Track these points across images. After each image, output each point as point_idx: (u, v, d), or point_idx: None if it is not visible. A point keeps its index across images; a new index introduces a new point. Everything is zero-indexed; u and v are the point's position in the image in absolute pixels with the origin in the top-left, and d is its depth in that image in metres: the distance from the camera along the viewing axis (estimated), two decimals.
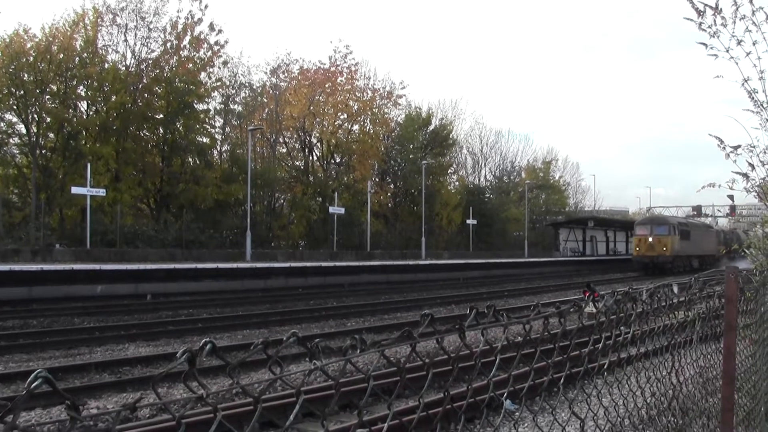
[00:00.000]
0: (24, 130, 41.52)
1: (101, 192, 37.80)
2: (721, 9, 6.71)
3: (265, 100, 55.16)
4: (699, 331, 4.86)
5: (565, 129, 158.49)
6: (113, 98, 43.10)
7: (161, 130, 47.01)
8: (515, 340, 2.83)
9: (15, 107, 40.73)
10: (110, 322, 21.20)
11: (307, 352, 1.71)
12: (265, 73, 58.52)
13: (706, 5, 6.74)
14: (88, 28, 43.55)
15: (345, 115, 58.67)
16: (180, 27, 46.43)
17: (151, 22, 45.23)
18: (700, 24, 6.79)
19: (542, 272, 54.81)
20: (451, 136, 68.34)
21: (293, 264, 38.80)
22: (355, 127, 59.94)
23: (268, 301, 28.68)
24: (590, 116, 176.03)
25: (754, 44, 6.71)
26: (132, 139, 44.58)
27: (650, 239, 57.05)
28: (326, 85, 57.36)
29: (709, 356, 5.20)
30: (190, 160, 48.42)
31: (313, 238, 53.66)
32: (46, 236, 37.01)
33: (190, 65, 46.90)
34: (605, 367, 3.63)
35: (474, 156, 77.47)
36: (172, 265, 32.76)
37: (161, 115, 46.21)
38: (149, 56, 45.72)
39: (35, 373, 1.24)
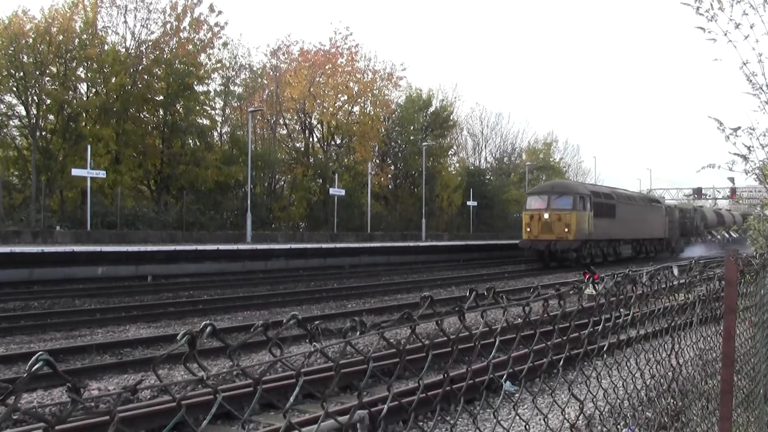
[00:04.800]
0: (24, 112, 41.44)
1: (101, 174, 37.76)
2: None
3: (266, 82, 55.01)
4: (699, 314, 4.87)
5: (565, 111, 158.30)
6: (113, 80, 42.98)
7: (161, 112, 46.89)
8: (515, 322, 2.84)
9: (14, 89, 40.61)
10: (111, 304, 21.27)
11: (307, 333, 1.72)
12: (265, 54, 58.43)
13: None
14: (88, 9, 43.37)
15: (345, 97, 58.47)
16: (180, 8, 46.24)
17: (150, 3, 45.05)
18: (698, 8, 6.76)
19: None
20: (451, 118, 68.10)
21: (294, 245, 38.85)
22: (356, 109, 59.80)
23: (269, 283, 28.74)
24: (591, 97, 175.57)
25: (751, 27, 6.69)
26: (132, 121, 44.49)
27: (546, 216, 40.84)
28: (326, 67, 57.16)
29: (708, 339, 5.22)
30: (191, 141, 48.33)
31: (313, 220, 53.70)
32: (46, 218, 37.03)
33: (190, 47, 46.72)
34: (605, 349, 3.64)
35: (474, 138, 77.29)
36: (172, 247, 32.80)
37: (161, 97, 46.08)
38: (149, 38, 45.56)
39: (36, 355, 1.24)
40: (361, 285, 28.55)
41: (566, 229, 39.96)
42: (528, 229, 41.87)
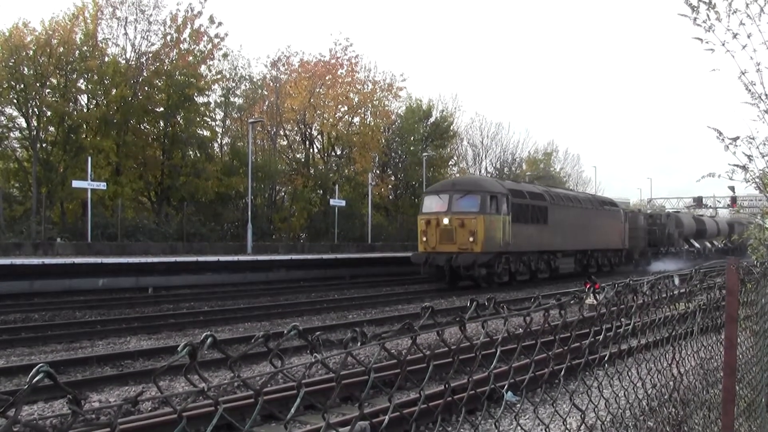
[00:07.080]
0: (24, 124, 41.47)
1: (102, 185, 37.71)
2: (714, 4, 6.71)
3: (266, 93, 55.09)
4: (700, 323, 4.87)
5: (565, 120, 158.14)
6: (113, 91, 43.01)
7: (162, 123, 46.91)
8: (516, 332, 2.83)
9: (15, 101, 40.65)
10: (112, 316, 21.25)
11: (308, 344, 1.72)
12: (266, 65, 58.54)
13: (699, 0, 6.74)
14: (88, 21, 43.45)
15: (345, 108, 58.53)
16: (180, 20, 46.28)
17: (150, 15, 45.11)
18: (695, 19, 6.79)
19: None
20: (451, 128, 68.14)
21: (294, 256, 38.80)
22: (356, 120, 59.84)
23: (270, 294, 28.71)
24: (591, 107, 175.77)
25: (749, 37, 6.71)
26: (132, 133, 44.50)
27: (446, 221, 31.22)
28: (326, 78, 57.24)
29: (710, 347, 5.21)
30: (191, 152, 48.33)
31: (314, 231, 53.64)
32: (47, 230, 36.98)
33: (190, 58, 46.78)
34: (606, 358, 3.64)
35: (474, 148, 77.15)
36: (173, 258, 32.75)
37: (161, 108, 46.07)
38: (149, 49, 45.58)
39: (37, 367, 1.24)
40: (362, 296, 28.52)
41: (471, 238, 30.62)
42: (424, 239, 31.97)
